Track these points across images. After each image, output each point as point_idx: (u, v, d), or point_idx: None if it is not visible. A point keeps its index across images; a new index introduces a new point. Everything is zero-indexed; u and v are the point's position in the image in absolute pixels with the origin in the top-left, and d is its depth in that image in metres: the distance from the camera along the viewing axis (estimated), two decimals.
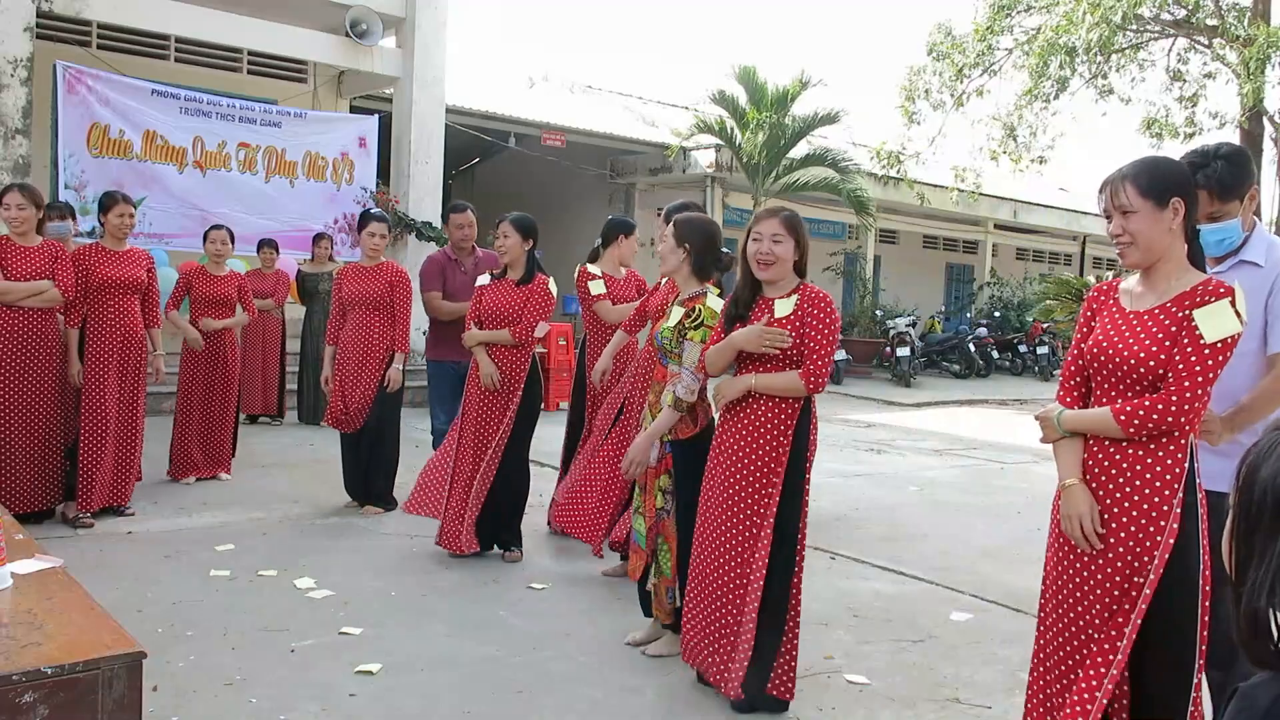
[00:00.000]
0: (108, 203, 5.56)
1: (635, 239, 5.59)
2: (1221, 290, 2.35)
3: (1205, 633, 2.35)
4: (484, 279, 5.17)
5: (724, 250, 3.89)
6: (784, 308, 3.32)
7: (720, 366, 3.44)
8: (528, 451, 5.13)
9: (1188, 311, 2.36)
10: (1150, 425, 2.35)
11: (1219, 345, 2.32)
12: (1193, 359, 2.33)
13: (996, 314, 20.02)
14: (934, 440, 10.24)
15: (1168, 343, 2.36)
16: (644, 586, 3.95)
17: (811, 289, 3.36)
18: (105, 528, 5.29)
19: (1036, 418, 2.61)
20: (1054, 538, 2.57)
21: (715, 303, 3.66)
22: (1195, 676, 2.34)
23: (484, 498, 4.91)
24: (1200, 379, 2.32)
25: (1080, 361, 2.55)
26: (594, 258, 5.51)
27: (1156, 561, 2.33)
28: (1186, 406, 2.32)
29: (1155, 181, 2.42)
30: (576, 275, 5.45)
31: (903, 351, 15.88)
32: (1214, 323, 2.32)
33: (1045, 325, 17.41)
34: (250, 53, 11.74)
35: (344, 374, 5.83)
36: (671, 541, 3.80)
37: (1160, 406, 2.34)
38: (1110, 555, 2.41)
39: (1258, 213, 2.92)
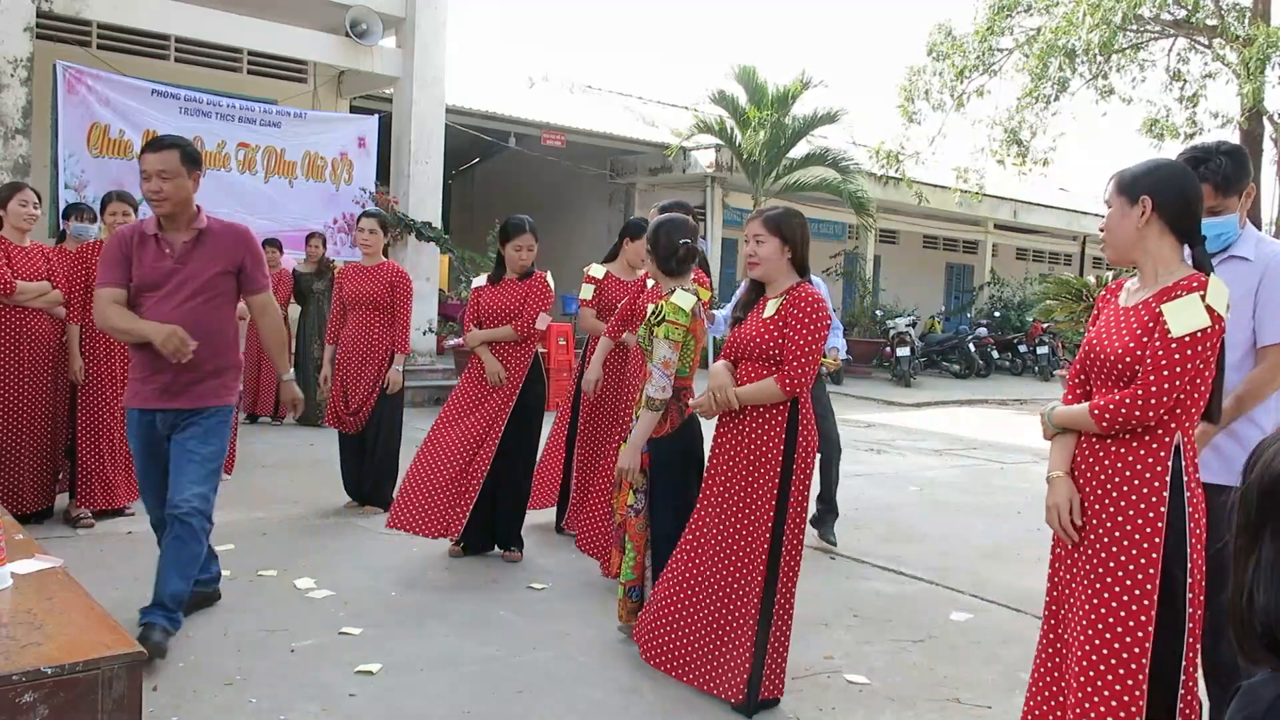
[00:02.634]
0: (103, 201, 5.52)
1: (642, 243, 5.58)
2: (1194, 285, 2.33)
3: (1192, 639, 2.31)
4: (480, 280, 5.19)
5: (682, 241, 3.82)
6: (770, 309, 3.31)
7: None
8: (533, 453, 5.14)
9: (1160, 306, 2.37)
10: (1121, 420, 2.34)
11: (1187, 340, 2.30)
12: (1160, 354, 2.31)
13: (996, 314, 20.04)
14: (934, 440, 10.24)
15: (1143, 337, 2.36)
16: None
17: (800, 290, 3.31)
18: (105, 528, 5.28)
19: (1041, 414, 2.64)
20: (1055, 536, 2.58)
21: (681, 298, 3.64)
22: (1181, 687, 2.30)
23: (476, 493, 4.89)
24: (1167, 373, 2.29)
25: (1082, 360, 2.57)
26: (612, 256, 5.53)
27: (1152, 568, 2.30)
28: (1154, 401, 2.30)
29: (1130, 179, 2.45)
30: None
31: (903, 351, 15.89)
32: (1182, 317, 2.31)
33: (1045, 325, 17.39)
34: (250, 53, 11.72)
35: (345, 374, 5.85)
36: (637, 541, 3.79)
37: (1128, 401, 2.33)
38: (1090, 553, 2.41)
39: (1254, 213, 2.95)
